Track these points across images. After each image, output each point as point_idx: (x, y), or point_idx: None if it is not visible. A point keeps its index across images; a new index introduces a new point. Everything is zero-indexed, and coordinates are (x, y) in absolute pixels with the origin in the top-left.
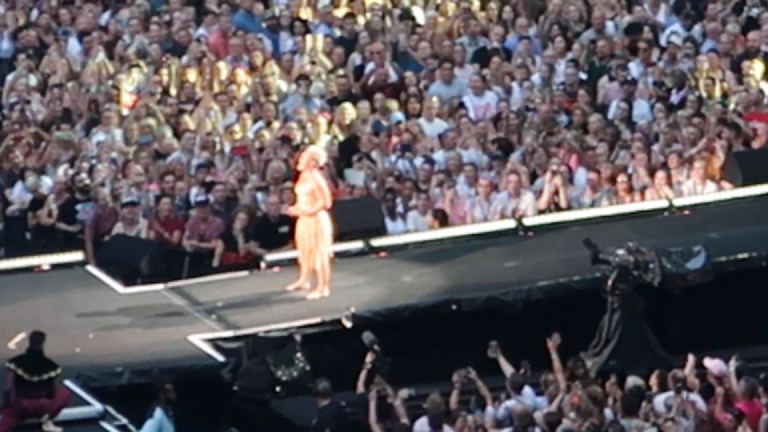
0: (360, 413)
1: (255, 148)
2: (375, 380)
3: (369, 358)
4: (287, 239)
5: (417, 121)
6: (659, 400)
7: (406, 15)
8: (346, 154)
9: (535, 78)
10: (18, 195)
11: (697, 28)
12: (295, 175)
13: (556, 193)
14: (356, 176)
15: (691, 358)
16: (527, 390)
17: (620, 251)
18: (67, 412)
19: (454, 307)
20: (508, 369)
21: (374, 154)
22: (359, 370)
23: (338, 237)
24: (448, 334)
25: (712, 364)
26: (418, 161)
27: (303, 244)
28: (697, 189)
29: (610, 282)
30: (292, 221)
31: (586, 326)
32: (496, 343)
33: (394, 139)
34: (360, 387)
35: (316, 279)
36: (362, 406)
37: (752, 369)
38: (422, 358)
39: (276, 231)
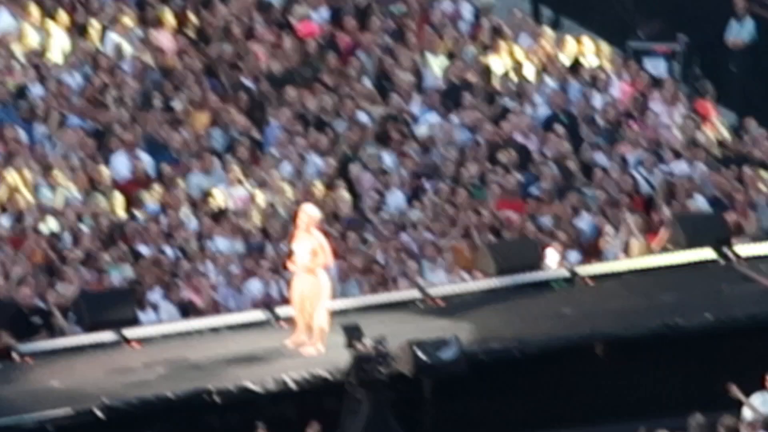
0: None
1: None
2: None
3: None
4: (39, 329)
5: (176, 212)
6: None
7: (165, 105)
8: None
9: (286, 167)
10: None
11: (451, 118)
12: (290, 235)
13: None
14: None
15: None
16: None
17: (366, 341)
18: None
19: (206, 397)
20: None
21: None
22: None
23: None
24: (204, 426)
25: None
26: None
27: (300, 300)
28: (451, 279)
29: (346, 371)
30: (47, 312)
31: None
32: (263, 424)
33: (153, 229)
34: None
35: (311, 335)
36: None
37: None
38: None
39: (28, 321)
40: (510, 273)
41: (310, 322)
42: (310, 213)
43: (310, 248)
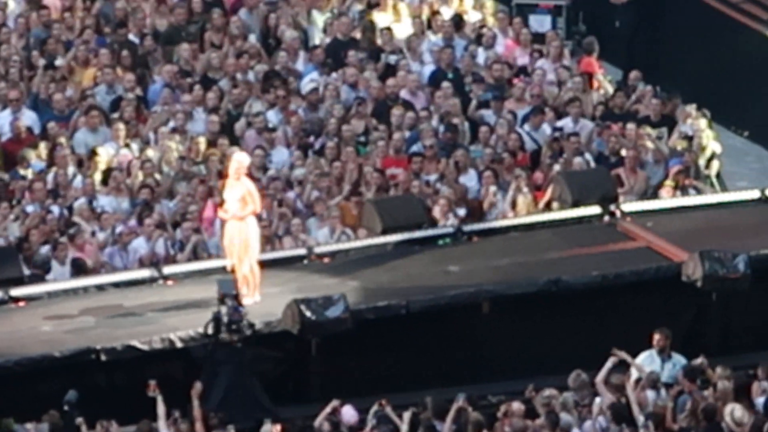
0: None
1: None
2: None
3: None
4: None
5: (63, 171)
6: None
7: (50, 63)
8: None
9: (170, 125)
10: None
11: (335, 75)
12: (221, 183)
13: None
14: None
15: (328, 408)
16: None
17: (229, 302)
18: None
19: (93, 356)
20: (162, 410)
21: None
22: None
23: None
24: (91, 384)
25: (346, 412)
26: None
27: (233, 249)
28: (337, 237)
29: (205, 331)
30: None
31: None
32: (155, 382)
33: (39, 187)
34: None
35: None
36: None
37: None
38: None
39: None
40: (396, 230)
41: (243, 271)
42: (240, 160)
43: (239, 196)
